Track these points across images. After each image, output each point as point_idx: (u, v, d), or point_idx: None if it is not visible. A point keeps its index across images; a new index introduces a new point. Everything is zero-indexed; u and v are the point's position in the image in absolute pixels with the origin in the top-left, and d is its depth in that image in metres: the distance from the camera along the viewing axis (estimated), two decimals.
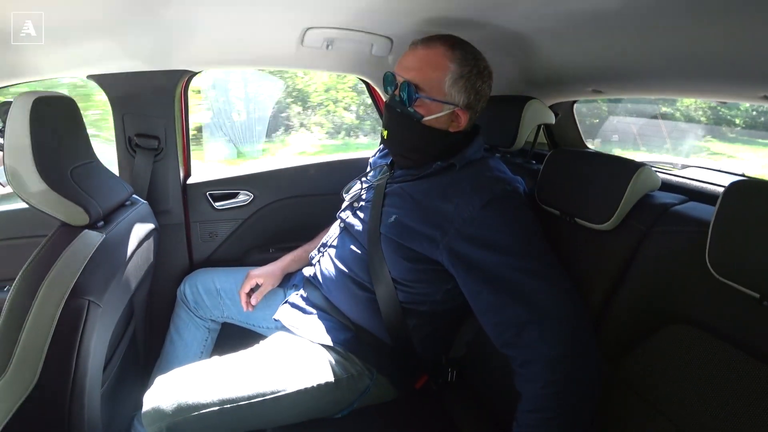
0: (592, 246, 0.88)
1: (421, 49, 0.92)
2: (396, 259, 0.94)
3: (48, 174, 0.82)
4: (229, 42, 1.17)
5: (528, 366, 0.77)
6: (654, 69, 0.92)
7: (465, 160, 0.95)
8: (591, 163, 0.94)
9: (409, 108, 0.92)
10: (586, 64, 1.06)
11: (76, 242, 0.85)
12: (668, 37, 0.79)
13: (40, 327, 0.79)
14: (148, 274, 1.17)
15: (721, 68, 0.81)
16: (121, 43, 1.07)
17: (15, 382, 0.79)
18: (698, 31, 0.74)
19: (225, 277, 1.24)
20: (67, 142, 0.92)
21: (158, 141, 1.36)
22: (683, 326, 0.70)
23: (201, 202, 1.49)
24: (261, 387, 0.89)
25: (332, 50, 1.22)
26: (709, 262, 0.65)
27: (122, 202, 1.05)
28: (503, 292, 0.81)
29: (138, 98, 1.32)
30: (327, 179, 1.60)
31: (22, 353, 0.79)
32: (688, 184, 1.02)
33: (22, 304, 0.80)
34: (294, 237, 1.52)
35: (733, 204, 0.64)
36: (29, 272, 0.82)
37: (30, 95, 0.81)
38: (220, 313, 1.23)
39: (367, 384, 0.98)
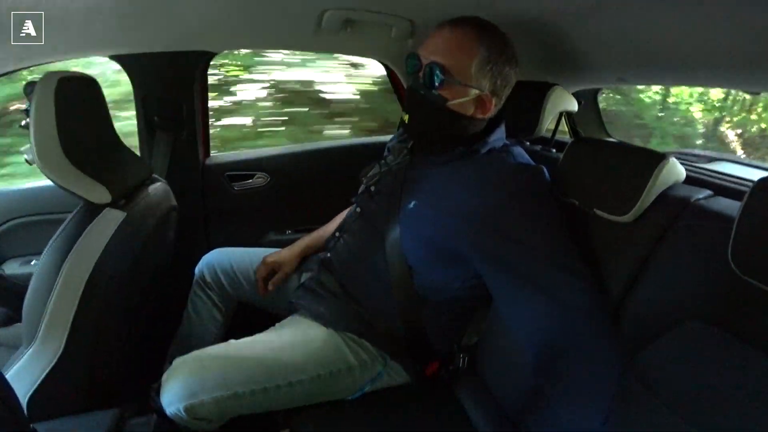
0: (611, 238, 0.86)
1: (449, 30, 0.88)
2: (413, 247, 0.93)
3: (72, 153, 0.84)
4: (247, 23, 1.16)
5: (548, 359, 0.77)
6: (682, 55, 0.89)
7: (488, 147, 0.92)
8: (614, 154, 0.91)
9: (433, 91, 0.89)
10: (611, 50, 1.02)
11: (99, 220, 0.88)
12: (699, 21, 0.75)
13: (65, 301, 0.83)
14: (167, 252, 1.20)
15: (755, 57, 0.77)
16: (143, 23, 1.07)
17: (42, 352, 0.84)
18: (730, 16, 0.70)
19: (241, 257, 1.26)
20: (91, 121, 0.94)
21: (178, 122, 1.38)
22: (702, 324, 0.69)
23: (219, 182, 1.51)
24: (276, 374, 0.91)
25: (351, 33, 1.20)
26: (732, 259, 0.63)
27: (143, 182, 1.07)
28: (527, 285, 0.80)
29: (158, 79, 1.33)
30: (345, 162, 1.60)
31: (48, 325, 0.83)
32: (714, 177, 0.99)
33: (48, 278, 0.83)
34: (311, 219, 1.53)
35: (761, 200, 0.62)
36: (54, 248, 0.85)
37: (54, 75, 0.82)
38: (235, 294, 1.25)
39: (379, 370, 0.99)
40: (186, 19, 1.10)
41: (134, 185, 1.01)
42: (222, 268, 1.25)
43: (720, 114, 3.04)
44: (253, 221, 1.57)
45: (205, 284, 1.26)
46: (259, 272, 1.17)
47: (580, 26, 0.97)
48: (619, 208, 0.83)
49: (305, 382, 0.93)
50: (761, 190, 0.62)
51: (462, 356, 1.06)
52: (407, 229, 0.93)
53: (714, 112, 3.06)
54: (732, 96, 2.88)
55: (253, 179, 1.55)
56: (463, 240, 0.87)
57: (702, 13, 0.71)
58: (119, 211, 0.91)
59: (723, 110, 3.02)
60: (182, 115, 1.38)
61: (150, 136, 1.38)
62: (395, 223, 0.94)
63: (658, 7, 0.77)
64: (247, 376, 0.90)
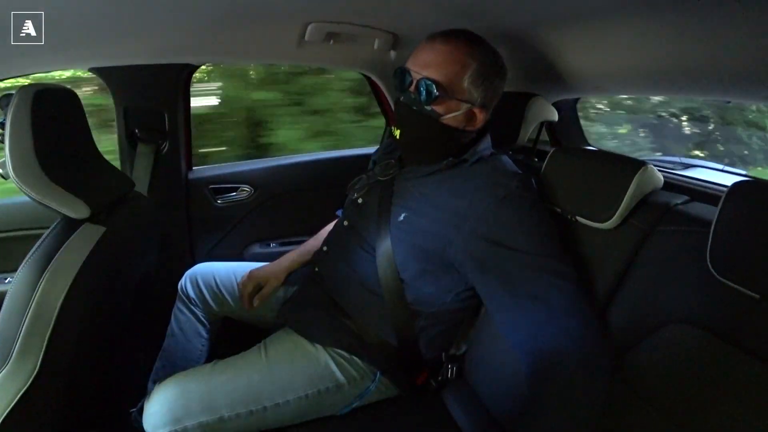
0: (593, 245, 0.87)
1: (441, 44, 0.88)
2: (405, 259, 0.92)
3: (49, 167, 0.82)
4: (231, 36, 1.16)
5: (542, 365, 0.77)
6: (659, 67, 0.92)
7: (476, 156, 0.93)
8: (593, 162, 0.93)
9: (426, 107, 0.88)
10: (590, 61, 1.05)
11: (77, 235, 0.86)
12: (674, 35, 0.78)
13: (41, 319, 0.80)
14: (149, 267, 1.18)
15: (726, 68, 0.81)
16: (125, 36, 1.06)
17: (16, 372, 0.80)
18: (704, 30, 0.73)
19: (226, 272, 1.24)
20: (69, 134, 0.92)
21: (160, 134, 1.36)
22: (684, 326, 0.70)
23: (203, 196, 1.49)
24: (262, 396, 0.89)
25: (334, 45, 1.21)
26: (710, 263, 0.65)
27: (123, 196, 1.05)
28: (521, 291, 0.80)
29: (140, 91, 1.32)
30: (328, 174, 1.60)
31: (23, 345, 0.80)
32: (690, 183, 1.02)
33: (23, 296, 0.80)
34: (296, 231, 1.52)
35: (735, 204, 0.64)
36: (30, 265, 0.83)
37: (31, 87, 0.81)
38: (220, 308, 1.23)
39: (368, 385, 0.97)
40: (168, 32, 1.10)
41: (114, 199, 0.99)
42: (206, 283, 1.23)
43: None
44: (238, 234, 1.56)
45: (188, 300, 1.24)
46: (245, 287, 1.15)
47: (560, 38, 1.00)
48: (600, 216, 0.84)
49: (292, 402, 0.91)
50: (735, 194, 0.64)
51: (450, 366, 1.05)
52: (398, 241, 0.92)
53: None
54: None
55: (236, 192, 1.53)
56: (455, 248, 0.87)
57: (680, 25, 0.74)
58: (99, 226, 0.89)
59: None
60: (164, 128, 1.36)
61: (131, 149, 1.36)
62: (386, 235, 0.93)
63: (637, 19, 0.80)
64: (233, 399, 0.88)
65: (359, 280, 0.98)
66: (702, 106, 1.98)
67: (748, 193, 0.64)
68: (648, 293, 0.77)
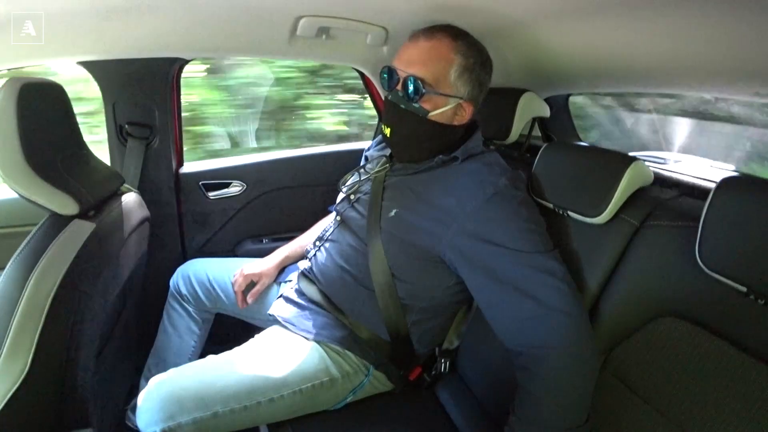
0: (584, 239, 0.88)
1: (424, 40, 0.89)
2: (396, 255, 0.93)
3: (36, 163, 0.80)
4: (221, 30, 1.15)
5: (532, 359, 0.78)
6: (650, 63, 0.92)
7: (466, 153, 0.93)
8: (584, 157, 0.94)
9: (413, 104, 0.89)
10: (582, 57, 1.05)
11: (66, 232, 0.84)
12: (665, 31, 0.79)
13: (31, 317, 0.79)
14: (140, 264, 1.17)
15: (717, 65, 0.81)
16: (113, 29, 1.04)
17: (5, 372, 0.79)
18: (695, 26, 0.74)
19: (218, 268, 1.24)
20: (56, 129, 0.90)
21: (150, 130, 1.35)
22: (673, 319, 0.71)
23: (194, 192, 1.48)
24: (256, 391, 0.89)
25: (326, 40, 1.20)
26: (699, 257, 0.66)
27: (113, 192, 1.04)
28: (509, 287, 0.81)
29: (129, 86, 1.30)
30: (320, 170, 1.59)
31: (12, 344, 0.79)
32: (680, 178, 1.03)
33: (11, 294, 0.79)
34: (287, 227, 1.52)
35: (723, 199, 0.65)
36: (19, 262, 0.81)
37: (17, 81, 0.79)
38: (212, 305, 1.23)
39: (362, 380, 0.98)
40: (158, 26, 1.08)
41: (104, 195, 0.98)
42: (198, 280, 1.22)
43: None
44: (230, 230, 1.55)
45: (180, 296, 1.23)
46: (238, 284, 1.15)
47: (552, 33, 1.00)
48: (591, 211, 0.85)
49: (286, 397, 0.91)
50: (724, 189, 0.65)
51: (443, 360, 1.06)
52: (390, 237, 0.93)
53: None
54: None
55: (228, 188, 1.52)
56: (444, 245, 0.87)
57: (671, 21, 0.75)
58: (88, 223, 0.88)
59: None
60: (155, 123, 1.35)
61: (121, 145, 1.34)
62: (377, 231, 0.94)
63: (628, 16, 0.81)
64: (227, 394, 0.88)
65: (350, 274, 0.98)
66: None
67: (736, 187, 0.65)
68: (638, 287, 0.78)
